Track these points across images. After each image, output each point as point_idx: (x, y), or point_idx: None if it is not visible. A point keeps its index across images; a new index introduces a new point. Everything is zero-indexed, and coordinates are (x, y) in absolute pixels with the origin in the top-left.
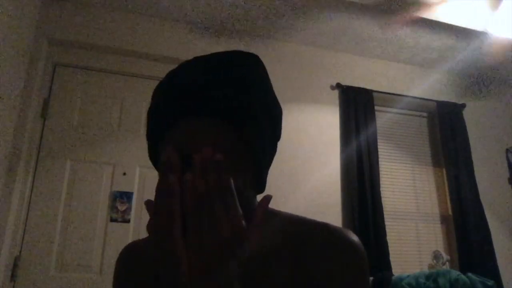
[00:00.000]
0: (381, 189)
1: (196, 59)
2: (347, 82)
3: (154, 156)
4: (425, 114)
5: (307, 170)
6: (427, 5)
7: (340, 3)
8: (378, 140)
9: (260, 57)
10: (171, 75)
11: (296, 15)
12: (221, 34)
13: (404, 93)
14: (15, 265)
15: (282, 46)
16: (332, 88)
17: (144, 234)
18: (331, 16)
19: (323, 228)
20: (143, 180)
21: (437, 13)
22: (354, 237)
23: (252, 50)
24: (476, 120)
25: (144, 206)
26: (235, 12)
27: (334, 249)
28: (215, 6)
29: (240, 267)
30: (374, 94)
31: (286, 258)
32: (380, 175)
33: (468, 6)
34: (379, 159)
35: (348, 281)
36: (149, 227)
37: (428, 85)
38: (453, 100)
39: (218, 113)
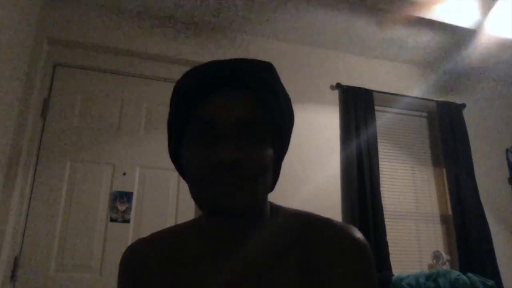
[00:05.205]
0: (381, 189)
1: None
2: (347, 82)
3: (177, 140)
4: (425, 114)
5: (307, 170)
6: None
7: (341, 2)
8: (378, 140)
9: (260, 57)
10: (197, 67)
11: (296, 14)
12: (221, 35)
13: (404, 93)
14: (15, 265)
15: (282, 46)
16: (332, 88)
17: (144, 234)
18: (331, 16)
19: (327, 224)
20: (143, 180)
21: (437, 12)
22: (359, 234)
23: (251, 49)
24: (476, 120)
25: (144, 206)
26: (234, 11)
27: (340, 247)
28: (218, 6)
29: None
30: (374, 94)
31: (292, 256)
32: (380, 175)
33: (468, 5)
34: (379, 159)
35: (357, 279)
36: None
37: (428, 85)
38: (453, 100)
39: (247, 86)
